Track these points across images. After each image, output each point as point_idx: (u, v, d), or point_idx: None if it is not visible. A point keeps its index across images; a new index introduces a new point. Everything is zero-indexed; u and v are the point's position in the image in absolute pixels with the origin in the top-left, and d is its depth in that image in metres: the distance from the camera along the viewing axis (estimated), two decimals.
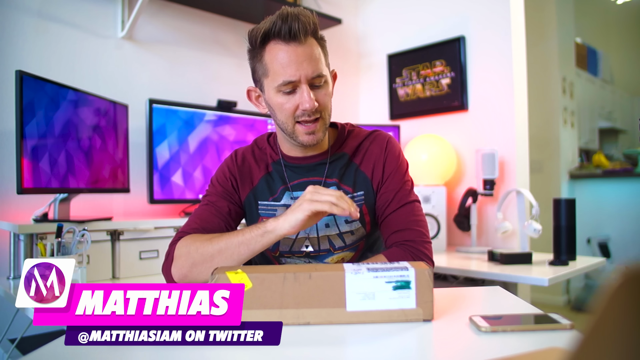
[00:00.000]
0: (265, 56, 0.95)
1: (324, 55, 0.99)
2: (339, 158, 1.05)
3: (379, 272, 0.67)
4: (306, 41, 0.93)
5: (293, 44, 0.92)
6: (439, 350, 0.60)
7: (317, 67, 0.94)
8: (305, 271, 0.68)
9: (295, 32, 0.91)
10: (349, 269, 0.69)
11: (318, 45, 0.97)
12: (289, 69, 0.92)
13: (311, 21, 0.94)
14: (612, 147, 5.18)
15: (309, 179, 1.04)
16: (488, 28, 2.28)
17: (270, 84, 0.96)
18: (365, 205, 1.03)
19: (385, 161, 1.04)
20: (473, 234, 2.15)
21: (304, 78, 0.93)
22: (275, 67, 0.93)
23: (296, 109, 0.95)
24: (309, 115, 0.95)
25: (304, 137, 0.97)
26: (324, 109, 0.97)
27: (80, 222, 1.46)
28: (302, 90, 0.94)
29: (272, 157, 1.07)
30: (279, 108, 0.97)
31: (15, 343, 1.42)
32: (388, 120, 2.68)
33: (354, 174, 1.04)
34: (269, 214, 1.04)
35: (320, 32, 0.99)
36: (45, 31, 1.76)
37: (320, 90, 0.96)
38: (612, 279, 0.24)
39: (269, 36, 0.94)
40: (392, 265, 0.69)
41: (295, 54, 0.92)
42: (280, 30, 0.92)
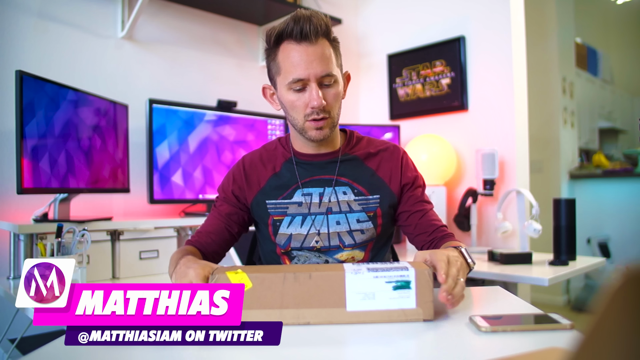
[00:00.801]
0: (278, 55, 1.00)
1: (336, 56, 1.02)
2: (350, 159, 1.09)
3: (379, 272, 0.67)
4: (317, 42, 0.97)
5: (304, 44, 0.97)
6: (439, 350, 0.60)
7: (327, 66, 0.98)
8: (305, 271, 0.68)
9: (306, 32, 0.96)
10: (349, 269, 0.69)
11: (330, 46, 1.00)
12: (299, 68, 0.96)
13: (323, 23, 0.99)
14: (612, 147, 5.18)
15: (321, 177, 1.08)
16: (488, 28, 2.28)
17: (282, 82, 1.00)
18: (379, 209, 1.08)
19: (403, 171, 1.10)
20: (473, 234, 2.15)
21: (313, 77, 0.97)
22: (287, 65, 0.98)
23: (306, 106, 0.99)
24: (317, 114, 0.99)
25: (312, 132, 1.01)
26: (331, 109, 1.01)
27: (80, 222, 1.46)
28: (311, 88, 0.98)
29: (284, 155, 1.11)
30: (290, 105, 1.01)
31: (15, 343, 1.42)
32: (388, 120, 2.68)
33: (369, 178, 1.08)
34: (278, 212, 1.07)
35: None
36: (45, 31, 1.76)
37: (329, 90, 1.00)
38: (612, 279, 0.24)
39: (282, 36, 0.99)
40: (392, 265, 0.69)
41: (306, 54, 0.96)
42: (292, 30, 0.97)
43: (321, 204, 1.06)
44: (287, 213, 1.07)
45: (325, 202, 1.06)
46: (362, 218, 1.06)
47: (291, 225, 1.07)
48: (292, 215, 1.07)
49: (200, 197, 1.94)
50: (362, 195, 1.07)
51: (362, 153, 1.10)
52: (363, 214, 1.06)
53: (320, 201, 1.06)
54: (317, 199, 1.06)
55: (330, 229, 1.06)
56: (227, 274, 0.67)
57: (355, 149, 1.11)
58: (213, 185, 1.96)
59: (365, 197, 1.07)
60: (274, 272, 0.69)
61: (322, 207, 1.06)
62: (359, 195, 1.07)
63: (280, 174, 1.09)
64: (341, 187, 1.07)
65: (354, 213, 1.06)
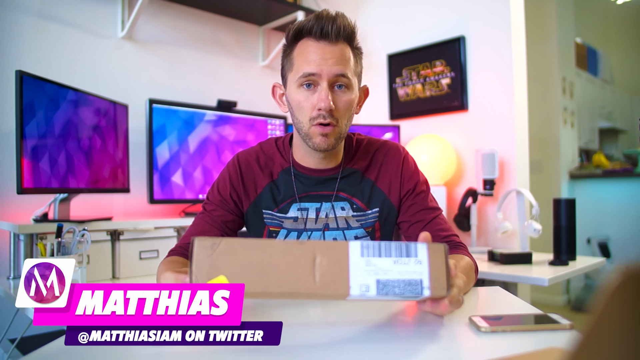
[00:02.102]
0: (294, 51, 0.94)
1: (355, 63, 0.96)
2: (350, 174, 1.02)
3: (389, 295, 0.61)
4: (337, 43, 0.91)
5: (323, 42, 0.91)
6: (439, 350, 0.60)
7: (342, 67, 0.91)
8: (304, 291, 0.61)
9: (327, 31, 0.90)
10: (355, 288, 0.61)
11: (350, 51, 0.94)
12: (312, 62, 0.90)
13: (348, 26, 0.93)
14: (612, 147, 5.19)
15: (319, 192, 1.01)
16: (488, 28, 2.28)
17: (292, 78, 0.94)
18: (378, 222, 1.02)
19: (403, 179, 1.03)
20: (473, 234, 2.15)
21: (326, 75, 0.90)
22: (300, 61, 0.92)
23: (313, 108, 0.92)
24: (324, 117, 0.91)
25: (318, 139, 0.93)
26: (340, 116, 0.93)
27: (80, 222, 1.46)
28: (321, 88, 0.91)
29: (281, 164, 1.03)
30: (297, 106, 0.94)
31: (15, 343, 1.42)
32: (388, 120, 2.68)
33: (369, 191, 1.02)
34: (275, 224, 1.02)
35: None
36: (45, 31, 1.76)
37: (341, 95, 0.93)
38: (611, 279, 0.24)
39: (301, 33, 0.93)
40: (407, 284, 0.61)
41: (323, 51, 0.90)
42: (312, 27, 0.91)
43: (318, 219, 1.00)
44: (283, 226, 1.01)
45: (322, 218, 1.00)
46: (361, 234, 1.01)
47: (287, 239, 1.01)
48: (288, 230, 1.01)
49: (200, 197, 1.94)
50: (360, 211, 1.01)
51: (363, 165, 1.03)
52: (361, 230, 1.01)
53: (316, 217, 1.00)
54: (314, 214, 1.00)
55: None
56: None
57: (356, 159, 1.04)
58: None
59: (364, 213, 1.01)
60: (266, 285, 0.60)
61: (319, 222, 1.00)
62: (357, 211, 1.01)
63: (277, 183, 1.02)
64: (339, 203, 1.01)
65: (351, 230, 1.01)
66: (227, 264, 0.60)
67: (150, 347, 0.59)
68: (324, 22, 0.90)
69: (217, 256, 0.60)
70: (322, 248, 0.62)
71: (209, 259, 0.60)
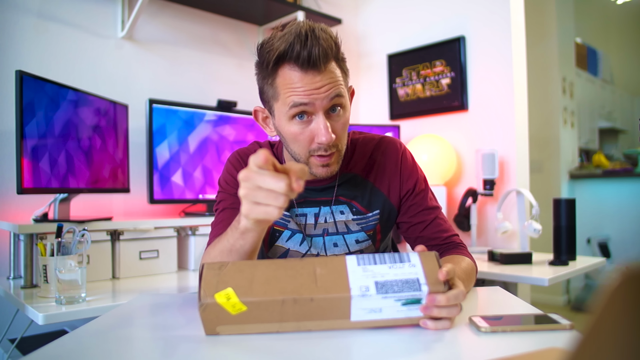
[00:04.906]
0: (277, 80, 0.84)
1: (344, 76, 0.88)
2: (349, 179, 0.99)
3: (389, 294, 0.62)
4: (326, 68, 0.82)
5: (311, 73, 0.81)
6: (439, 351, 0.60)
7: (335, 89, 0.83)
8: (306, 294, 0.62)
9: (315, 59, 0.79)
10: (355, 288, 0.62)
11: (337, 67, 0.86)
12: (303, 94, 0.81)
13: (332, 43, 0.83)
14: (612, 147, 5.19)
15: (317, 199, 0.98)
16: (488, 28, 2.28)
17: (281, 109, 0.85)
18: (379, 224, 0.99)
19: (402, 178, 1.00)
20: (473, 234, 2.15)
21: (319, 105, 0.82)
22: (287, 91, 0.82)
23: (311, 141, 0.85)
24: (325, 150, 0.85)
25: (318, 170, 0.88)
26: (340, 140, 0.88)
27: (80, 222, 1.46)
28: (318, 120, 0.83)
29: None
30: (292, 138, 0.86)
31: (15, 343, 1.42)
32: (388, 120, 2.68)
33: (369, 193, 0.99)
34: (280, 223, 0.98)
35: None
36: (45, 31, 1.76)
37: (338, 120, 0.86)
38: (611, 279, 0.24)
39: (283, 59, 0.81)
40: (404, 278, 0.64)
41: (312, 80, 0.81)
42: (298, 55, 0.79)
43: (317, 225, 0.97)
44: (288, 227, 0.98)
45: (321, 223, 0.97)
46: (362, 238, 0.98)
47: (290, 240, 0.98)
48: (293, 231, 0.98)
49: (200, 197, 1.94)
50: (360, 214, 0.98)
51: (360, 167, 1.00)
52: (362, 233, 0.98)
53: (315, 222, 0.97)
54: (312, 219, 0.98)
55: (328, 251, 0.97)
56: (216, 299, 0.61)
57: (353, 162, 1.00)
58: (213, 185, 1.96)
59: (364, 216, 0.98)
60: (271, 293, 0.62)
61: (318, 228, 0.97)
62: (357, 214, 0.98)
63: None
64: (339, 206, 0.98)
65: (352, 234, 0.98)
66: (234, 278, 0.64)
67: (153, 347, 0.59)
68: (310, 46, 0.79)
69: (225, 274, 0.64)
70: (321, 261, 0.66)
71: (216, 277, 0.64)
